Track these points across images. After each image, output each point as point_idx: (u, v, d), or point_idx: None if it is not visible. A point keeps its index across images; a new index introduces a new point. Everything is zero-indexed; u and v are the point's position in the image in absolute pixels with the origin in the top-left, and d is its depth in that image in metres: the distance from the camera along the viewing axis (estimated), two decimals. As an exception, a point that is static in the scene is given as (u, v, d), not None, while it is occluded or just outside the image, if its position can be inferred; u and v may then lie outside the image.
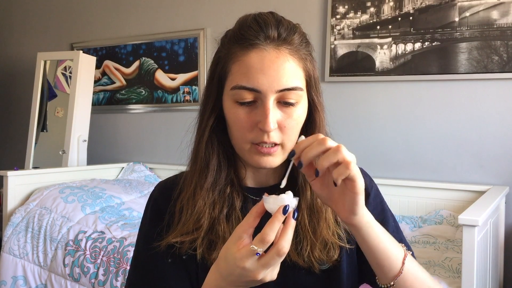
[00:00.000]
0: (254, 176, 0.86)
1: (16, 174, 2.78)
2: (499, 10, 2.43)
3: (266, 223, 0.63)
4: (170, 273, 0.81)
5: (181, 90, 3.46)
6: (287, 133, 0.76)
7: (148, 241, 0.83)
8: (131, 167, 3.47)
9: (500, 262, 2.29)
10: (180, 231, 0.79)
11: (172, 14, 3.48)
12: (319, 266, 0.80)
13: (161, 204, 0.85)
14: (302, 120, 0.79)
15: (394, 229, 0.87)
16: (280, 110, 0.76)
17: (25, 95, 3.98)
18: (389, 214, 0.89)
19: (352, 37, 2.80)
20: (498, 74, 2.43)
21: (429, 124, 2.63)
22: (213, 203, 0.80)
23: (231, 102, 0.77)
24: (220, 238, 0.78)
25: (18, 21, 4.29)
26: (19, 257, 2.54)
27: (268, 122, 0.73)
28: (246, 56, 0.75)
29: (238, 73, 0.75)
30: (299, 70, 0.77)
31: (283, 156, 0.78)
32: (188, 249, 0.79)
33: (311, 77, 0.80)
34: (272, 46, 0.75)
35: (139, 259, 0.86)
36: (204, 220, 0.79)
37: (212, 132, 0.82)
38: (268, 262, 0.63)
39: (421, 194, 2.57)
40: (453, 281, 1.73)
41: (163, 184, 0.90)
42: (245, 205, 0.83)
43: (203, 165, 0.81)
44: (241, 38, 0.76)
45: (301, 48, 0.78)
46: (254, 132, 0.76)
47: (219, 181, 0.82)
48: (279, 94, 0.74)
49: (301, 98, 0.77)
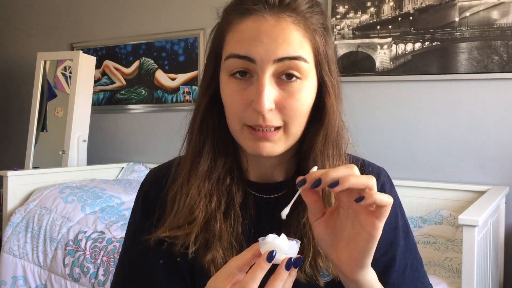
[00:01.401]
0: (257, 169, 0.76)
1: (16, 174, 2.78)
2: (499, 10, 2.43)
3: (248, 271, 0.54)
4: (160, 272, 0.74)
5: (181, 90, 3.46)
6: (289, 115, 0.65)
7: (137, 237, 0.76)
8: (131, 167, 3.47)
9: (500, 262, 2.29)
10: (170, 225, 0.70)
11: (172, 14, 3.48)
12: (322, 279, 0.71)
13: (152, 197, 0.77)
14: (308, 101, 0.67)
15: (403, 251, 0.76)
16: (279, 87, 0.65)
17: (25, 95, 3.98)
18: (400, 232, 0.77)
19: (352, 37, 2.80)
20: (498, 74, 2.43)
21: (429, 124, 2.63)
22: (209, 193, 0.71)
23: (226, 77, 0.67)
24: (216, 237, 0.69)
25: (18, 21, 4.29)
26: (19, 257, 2.54)
27: (262, 100, 0.62)
28: (242, 23, 0.66)
29: (232, 42, 0.66)
30: (303, 40, 0.65)
31: (286, 143, 0.68)
32: (181, 248, 0.70)
33: (320, 52, 0.67)
34: (272, 13, 0.65)
35: (127, 256, 0.79)
36: (199, 213, 0.70)
37: (207, 112, 0.72)
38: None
39: (421, 194, 2.57)
40: (453, 281, 1.73)
41: (155, 173, 0.81)
42: (245, 201, 0.74)
43: (197, 149, 0.72)
44: (238, 4, 0.67)
45: (309, 17, 0.66)
46: (249, 112, 0.65)
47: (215, 169, 0.72)
48: (278, 65, 0.63)
49: (307, 73, 0.66)
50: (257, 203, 0.75)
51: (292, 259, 0.54)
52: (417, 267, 0.77)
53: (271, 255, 0.53)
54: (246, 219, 0.73)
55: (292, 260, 0.54)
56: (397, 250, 0.75)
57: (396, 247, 0.75)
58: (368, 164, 0.82)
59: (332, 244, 0.59)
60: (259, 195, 0.76)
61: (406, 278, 0.75)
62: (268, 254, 0.53)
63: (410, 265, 0.76)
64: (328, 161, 0.71)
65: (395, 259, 0.75)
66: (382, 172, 0.82)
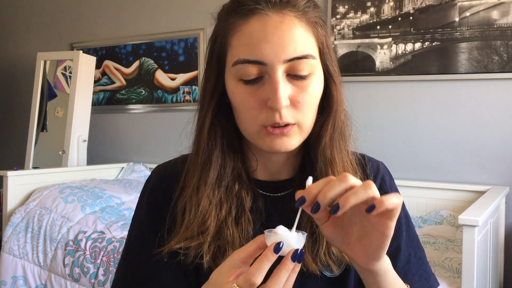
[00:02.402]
0: (265, 167, 0.76)
1: (16, 174, 2.78)
2: (499, 10, 2.43)
3: (255, 262, 0.54)
4: (165, 271, 0.73)
5: (181, 90, 3.46)
6: (303, 110, 0.66)
7: (142, 235, 0.76)
8: (131, 167, 3.47)
9: (500, 262, 2.29)
10: (183, 235, 0.70)
11: (172, 14, 3.48)
12: (336, 267, 0.72)
13: (159, 195, 0.77)
14: (318, 94, 0.69)
15: (406, 241, 0.78)
16: (291, 84, 0.66)
17: (25, 95, 3.98)
18: (402, 222, 0.79)
19: (352, 37, 2.80)
20: (498, 74, 2.43)
21: (429, 124, 2.63)
22: (219, 202, 0.71)
23: (234, 81, 0.67)
24: (229, 244, 0.69)
25: (19, 21, 4.29)
26: (19, 257, 2.54)
27: (278, 97, 0.63)
28: (246, 25, 0.65)
29: (239, 46, 0.65)
30: (308, 36, 0.66)
31: (300, 137, 0.69)
32: (194, 258, 0.69)
33: (323, 44, 0.69)
34: (274, 10, 0.65)
35: (130, 253, 0.77)
36: (211, 222, 0.70)
37: (214, 119, 0.72)
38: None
39: (421, 194, 2.57)
40: (453, 281, 1.73)
41: (162, 170, 0.80)
42: (255, 204, 0.74)
43: (206, 158, 0.72)
44: (238, 5, 0.67)
45: (308, 11, 0.67)
46: (264, 112, 0.65)
47: (224, 176, 0.72)
48: (288, 64, 0.64)
49: (315, 68, 0.67)
50: (267, 203, 0.76)
51: (299, 250, 0.54)
52: (420, 256, 0.79)
53: (278, 246, 0.53)
54: (257, 222, 0.74)
55: (299, 252, 0.54)
56: (401, 240, 0.76)
57: (400, 237, 0.76)
58: (368, 158, 0.83)
59: (345, 242, 0.60)
60: (267, 194, 0.76)
61: (411, 267, 0.77)
62: (275, 245, 0.53)
63: (414, 255, 0.78)
64: (336, 149, 0.72)
65: (400, 248, 0.76)
66: (381, 165, 0.84)
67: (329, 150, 0.72)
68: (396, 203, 0.53)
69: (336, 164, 0.72)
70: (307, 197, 0.54)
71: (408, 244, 0.78)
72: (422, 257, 0.79)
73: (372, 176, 0.80)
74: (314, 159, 0.72)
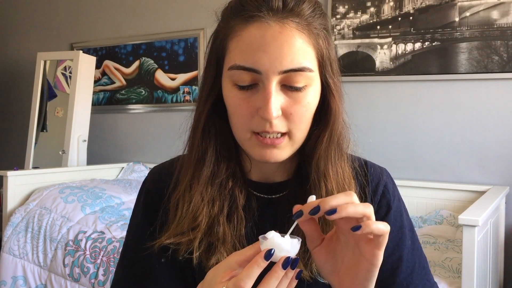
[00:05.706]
0: (259, 169, 0.76)
1: (16, 174, 2.78)
2: (499, 10, 2.43)
3: (245, 267, 0.53)
4: (162, 271, 0.74)
5: (181, 90, 3.46)
6: (295, 121, 0.66)
7: (138, 236, 0.76)
8: (131, 167, 3.47)
9: (500, 262, 2.29)
10: (174, 231, 0.70)
11: (172, 14, 3.48)
12: None
13: (154, 196, 0.77)
14: (313, 107, 0.68)
15: (411, 250, 0.76)
16: (285, 95, 0.65)
17: (25, 95, 3.98)
18: (406, 231, 0.77)
19: (352, 37, 2.80)
20: (498, 74, 2.43)
21: (429, 124, 2.63)
22: (212, 199, 0.71)
23: (230, 85, 0.67)
24: (221, 241, 0.69)
25: (18, 21, 4.29)
26: (19, 257, 2.54)
27: (269, 108, 0.62)
28: (245, 31, 0.64)
29: (236, 51, 0.65)
30: (308, 47, 0.65)
31: (292, 149, 0.68)
32: (185, 253, 0.70)
33: (323, 57, 0.67)
34: (275, 18, 0.63)
35: (128, 254, 0.78)
36: (202, 219, 0.69)
37: (210, 119, 0.72)
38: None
39: (421, 194, 2.57)
40: (453, 281, 1.73)
41: (158, 171, 0.81)
42: (248, 203, 0.74)
43: (199, 156, 0.72)
44: (241, 9, 0.66)
45: (312, 21, 0.66)
46: (255, 120, 0.65)
47: (218, 174, 0.72)
48: (283, 76, 0.63)
49: (311, 80, 0.66)
50: (260, 203, 0.75)
51: (290, 258, 0.53)
52: (423, 265, 0.78)
53: (269, 253, 0.53)
54: (249, 221, 0.74)
55: (290, 259, 0.53)
56: (404, 250, 0.75)
57: (402, 247, 0.75)
58: (370, 164, 0.82)
59: (334, 271, 0.60)
60: (261, 196, 0.76)
61: (414, 278, 0.75)
62: (266, 252, 0.53)
63: (418, 264, 0.77)
64: (331, 162, 0.71)
65: (402, 260, 0.75)
66: (384, 172, 0.82)
67: (323, 163, 0.71)
68: (382, 230, 0.54)
69: (329, 178, 0.71)
70: (305, 210, 0.55)
71: (413, 254, 0.76)
72: (425, 266, 0.78)
73: (373, 183, 0.79)
74: (309, 171, 0.72)
